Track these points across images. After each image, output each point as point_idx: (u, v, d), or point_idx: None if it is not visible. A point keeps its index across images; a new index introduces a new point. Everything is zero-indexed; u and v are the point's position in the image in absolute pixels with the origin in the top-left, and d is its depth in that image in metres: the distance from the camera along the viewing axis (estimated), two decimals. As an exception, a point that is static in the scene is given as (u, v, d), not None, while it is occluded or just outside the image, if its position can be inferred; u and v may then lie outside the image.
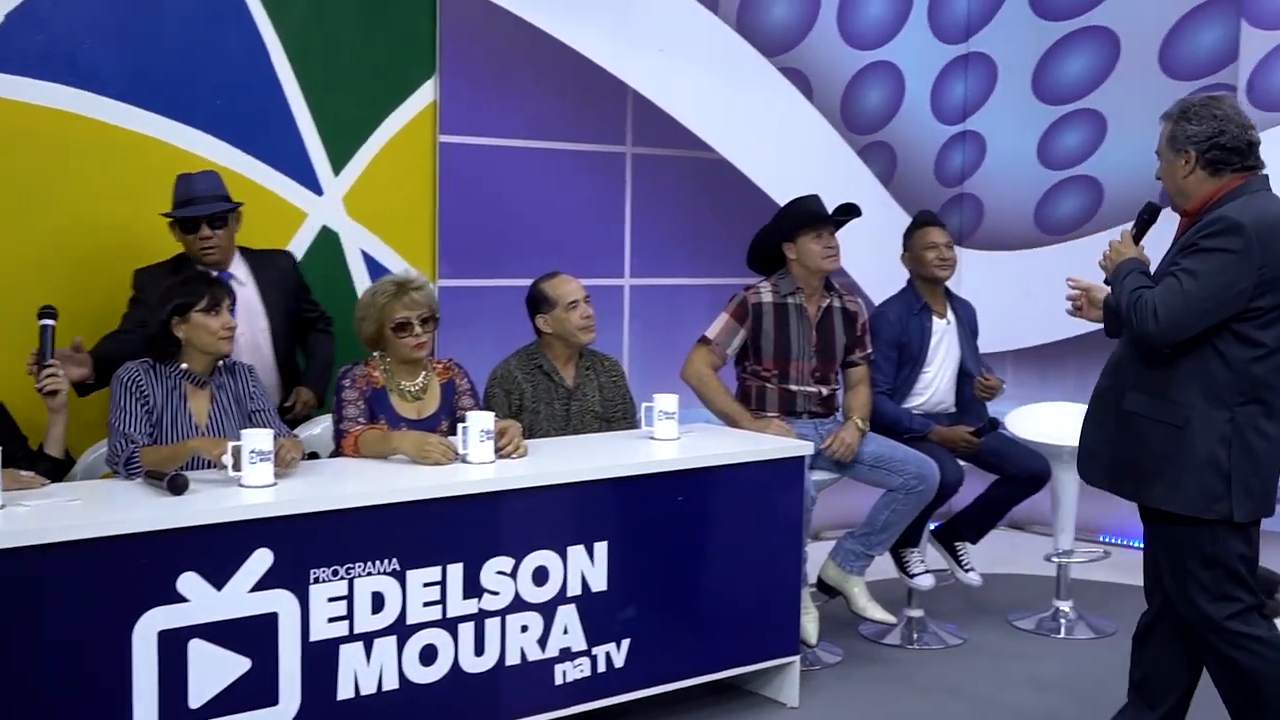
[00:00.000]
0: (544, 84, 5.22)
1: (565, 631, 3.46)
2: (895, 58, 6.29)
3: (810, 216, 4.36)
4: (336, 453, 3.66)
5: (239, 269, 4.05)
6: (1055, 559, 4.91)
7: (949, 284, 4.85)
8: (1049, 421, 5.06)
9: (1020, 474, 4.64)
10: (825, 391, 4.47)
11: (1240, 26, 5.32)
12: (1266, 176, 3.07)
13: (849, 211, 4.43)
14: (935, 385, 4.73)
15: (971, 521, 4.77)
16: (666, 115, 5.56)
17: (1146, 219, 3.29)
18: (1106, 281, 3.26)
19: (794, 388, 4.40)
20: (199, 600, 2.87)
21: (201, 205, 3.89)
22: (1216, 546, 3.03)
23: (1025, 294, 6.42)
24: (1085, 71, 6.26)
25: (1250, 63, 5.26)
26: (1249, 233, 2.91)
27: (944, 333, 4.73)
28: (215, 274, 3.75)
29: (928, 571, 4.59)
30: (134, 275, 3.95)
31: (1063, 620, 4.85)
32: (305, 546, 3.02)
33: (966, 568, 4.73)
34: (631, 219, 5.51)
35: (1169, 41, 5.96)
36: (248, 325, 3.96)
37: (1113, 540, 6.09)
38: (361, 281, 4.71)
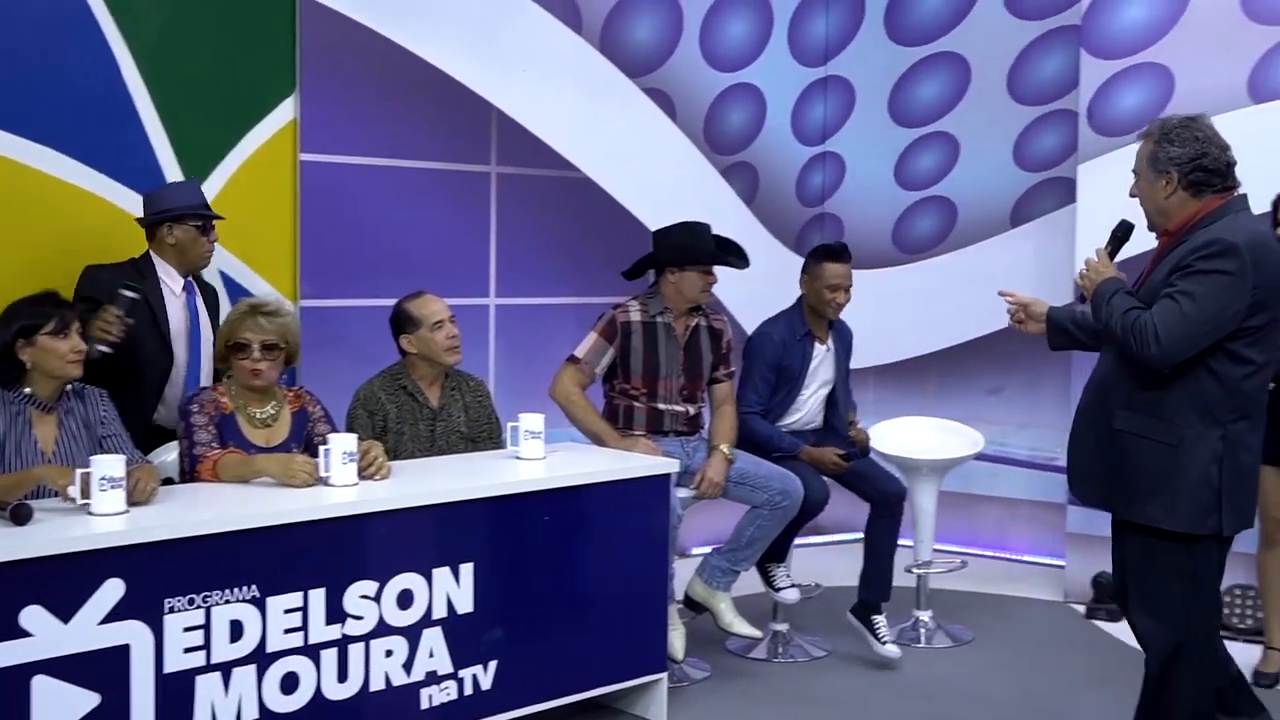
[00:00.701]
0: (407, 102, 5.17)
1: (431, 655, 3.42)
2: (756, 80, 6.40)
3: (705, 256, 4.40)
4: (190, 479, 3.55)
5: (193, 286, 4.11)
6: (915, 570, 5.03)
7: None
8: (909, 436, 5.19)
9: (879, 497, 4.70)
10: (692, 410, 4.50)
11: (1080, 55, 5.53)
12: (1245, 196, 3.13)
13: (740, 256, 4.50)
14: (807, 406, 4.81)
15: (877, 584, 4.73)
16: (531, 134, 5.56)
17: (1120, 237, 3.32)
18: (1079, 297, 3.31)
19: (662, 406, 4.43)
20: (43, 634, 2.75)
21: (206, 211, 4.06)
22: (1198, 561, 3.08)
23: (886, 311, 6.56)
24: (938, 96, 6.45)
25: (1090, 90, 5.48)
26: (1243, 254, 2.93)
27: (823, 358, 4.80)
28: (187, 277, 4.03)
29: (793, 585, 4.65)
30: (86, 270, 3.92)
31: (922, 629, 4.96)
32: (159, 575, 2.92)
33: (884, 640, 4.63)
34: (497, 238, 5.49)
35: (1016, 68, 6.18)
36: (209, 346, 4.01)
37: (969, 550, 6.27)
38: (221, 303, 4.59)
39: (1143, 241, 3.31)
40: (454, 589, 3.46)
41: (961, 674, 4.57)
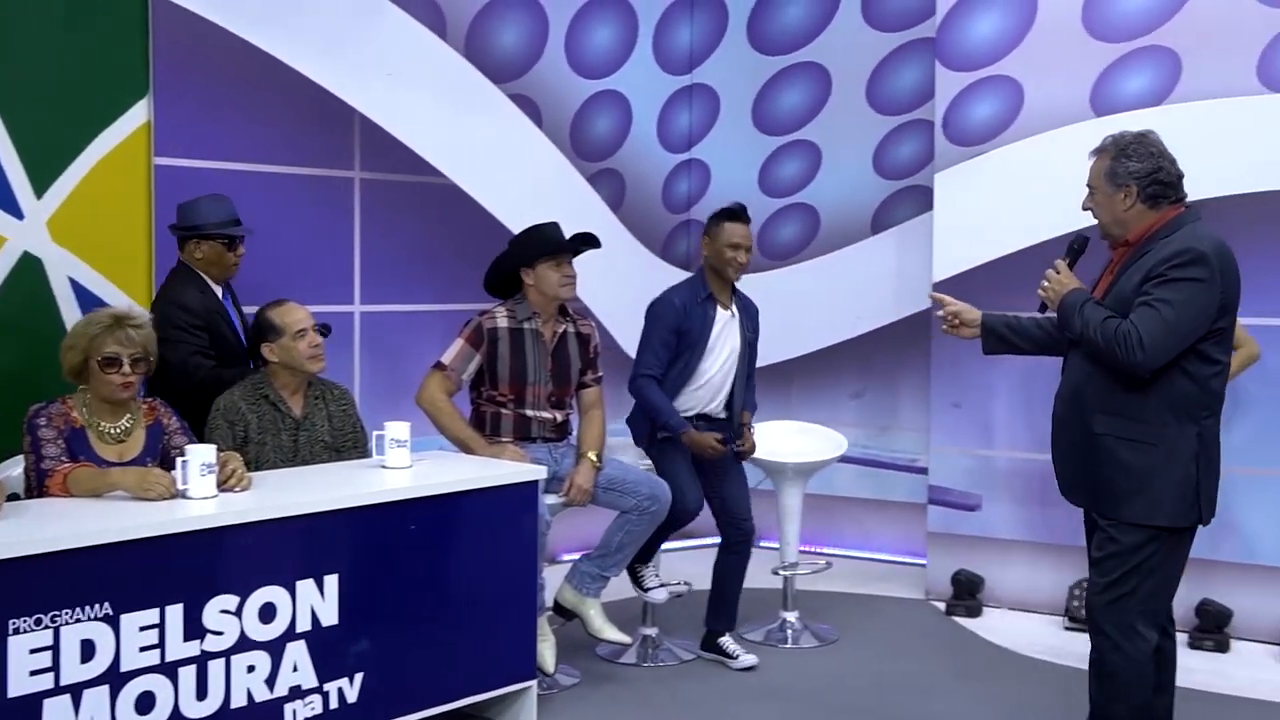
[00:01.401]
0: (268, 106, 5.06)
1: (295, 669, 3.34)
2: (622, 87, 6.44)
3: (550, 245, 4.39)
4: (39, 494, 3.41)
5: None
6: (781, 572, 5.10)
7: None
8: (774, 440, 5.26)
9: (733, 533, 4.76)
10: (560, 416, 4.50)
11: (935, 67, 5.69)
12: (1197, 208, 3.28)
13: (588, 242, 4.48)
14: (711, 379, 4.66)
15: (724, 616, 4.79)
16: (395, 140, 5.49)
17: (1078, 249, 3.44)
18: (1040, 307, 3.41)
19: (530, 413, 4.41)
20: (-122, 660, 2.62)
21: (234, 227, 4.29)
22: (1173, 552, 3.24)
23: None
24: (800, 104, 6.57)
25: (945, 100, 5.64)
26: (1213, 262, 3.09)
27: (726, 324, 4.67)
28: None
29: (661, 586, 4.68)
30: (164, 306, 4.15)
31: (789, 630, 5.04)
32: (2, 595, 2.80)
33: (737, 655, 4.69)
34: (361, 244, 5.41)
35: (874, 79, 6.33)
36: None
37: (833, 551, 6.39)
38: (69, 310, 4.43)
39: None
40: (318, 601, 3.40)
41: (828, 672, 4.66)
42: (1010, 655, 4.92)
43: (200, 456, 3.31)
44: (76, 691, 2.93)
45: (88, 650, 2.94)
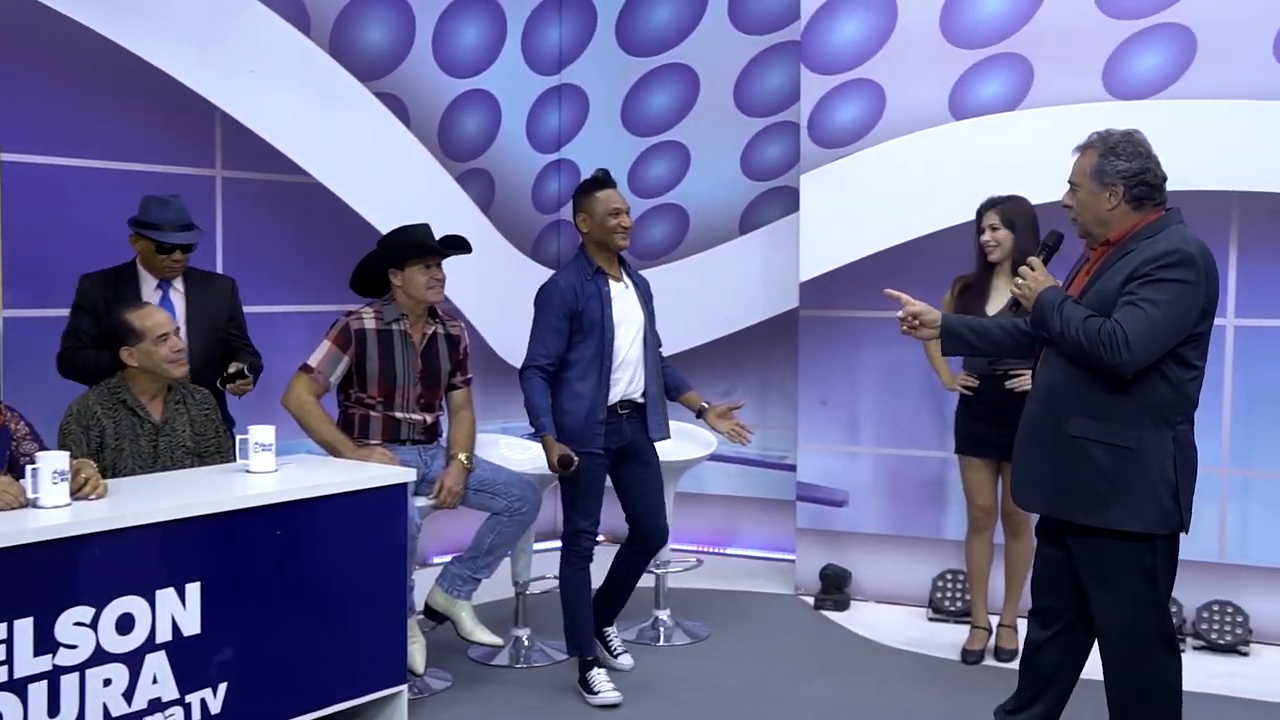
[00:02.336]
0: (123, 102, 4.91)
1: (154, 681, 3.25)
2: (491, 86, 6.41)
3: (418, 248, 4.34)
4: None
5: (177, 284, 4.34)
6: (653, 570, 5.13)
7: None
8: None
9: (643, 537, 4.57)
10: (430, 419, 4.46)
11: (800, 70, 5.79)
12: (1178, 210, 3.23)
13: (458, 245, 4.44)
14: (626, 358, 4.34)
15: (611, 610, 4.71)
16: (259, 138, 5.38)
17: (1053, 247, 3.38)
18: (1012, 305, 3.38)
19: (399, 415, 4.36)
20: None
21: (172, 233, 4.22)
22: (1157, 558, 3.16)
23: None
24: (669, 105, 6.62)
25: (810, 103, 5.74)
26: (1199, 264, 3.05)
27: (622, 296, 4.38)
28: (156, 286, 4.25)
29: (626, 651, 4.70)
30: (80, 280, 4.26)
31: (661, 628, 5.07)
32: None
33: (617, 653, 4.67)
34: (223, 245, 5.28)
35: (741, 81, 6.41)
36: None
37: (704, 549, 6.46)
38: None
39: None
40: (179, 610, 3.31)
41: (699, 669, 4.70)
42: (877, 647, 5.03)
43: (52, 464, 3.20)
44: (-81, 711, 2.81)
45: (-69, 668, 2.82)
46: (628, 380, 4.38)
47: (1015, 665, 4.68)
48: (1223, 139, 4.97)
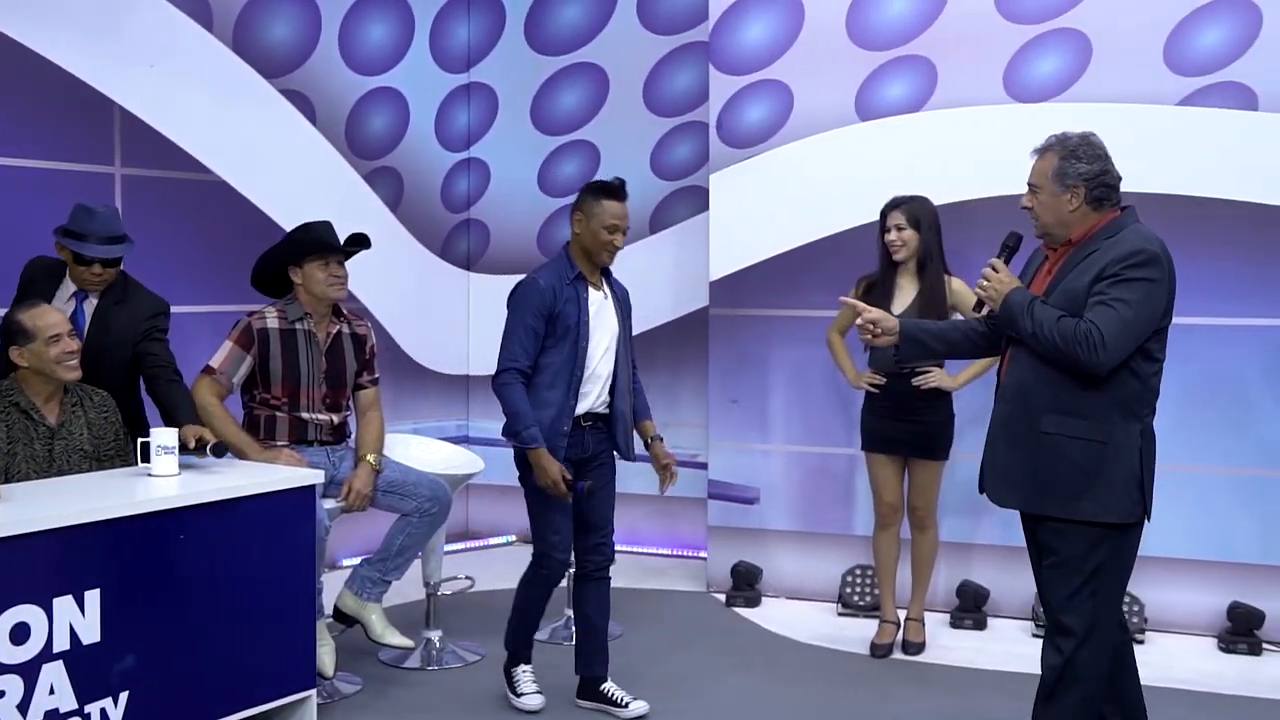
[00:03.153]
0: (15, 96, 4.76)
1: (51, 692, 3.16)
2: (399, 84, 6.34)
3: (319, 245, 4.28)
4: None
5: (94, 297, 4.17)
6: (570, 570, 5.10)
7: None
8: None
9: (589, 562, 4.23)
10: (337, 419, 4.40)
11: (709, 71, 5.82)
12: (1134, 208, 3.29)
13: (359, 242, 4.39)
14: (595, 369, 4.10)
15: (599, 658, 4.32)
16: (160, 135, 5.26)
17: (1013, 248, 3.39)
18: (978, 306, 3.38)
19: (305, 415, 4.30)
20: None
21: (94, 245, 4.06)
22: (1121, 549, 3.22)
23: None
24: (578, 104, 6.61)
25: (719, 103, 5.77)
26: (1164, 262, 3.12)
27: (600, 306, 4.13)
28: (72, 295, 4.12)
29: (537, 692, 4.28)
30: (28, 263, 4.24)
31: (574, 627, 5.02)
32: None
33: (625, 703, 4.21)
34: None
35: (651, 80, 6.42)
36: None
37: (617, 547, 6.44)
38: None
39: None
40: (78, 618, 3.22)
41: (612, 667, 4.68)
42: (787, 642, 5.07)
43: (-58, 469, 3.09)
44: None
45: None
46: (596, 393, 4.12)
47: (922, 658, 4.82)
48: (1117, 141, 5.05)
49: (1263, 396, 4.98)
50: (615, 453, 4.24)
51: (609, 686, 4.26)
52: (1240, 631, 4.95)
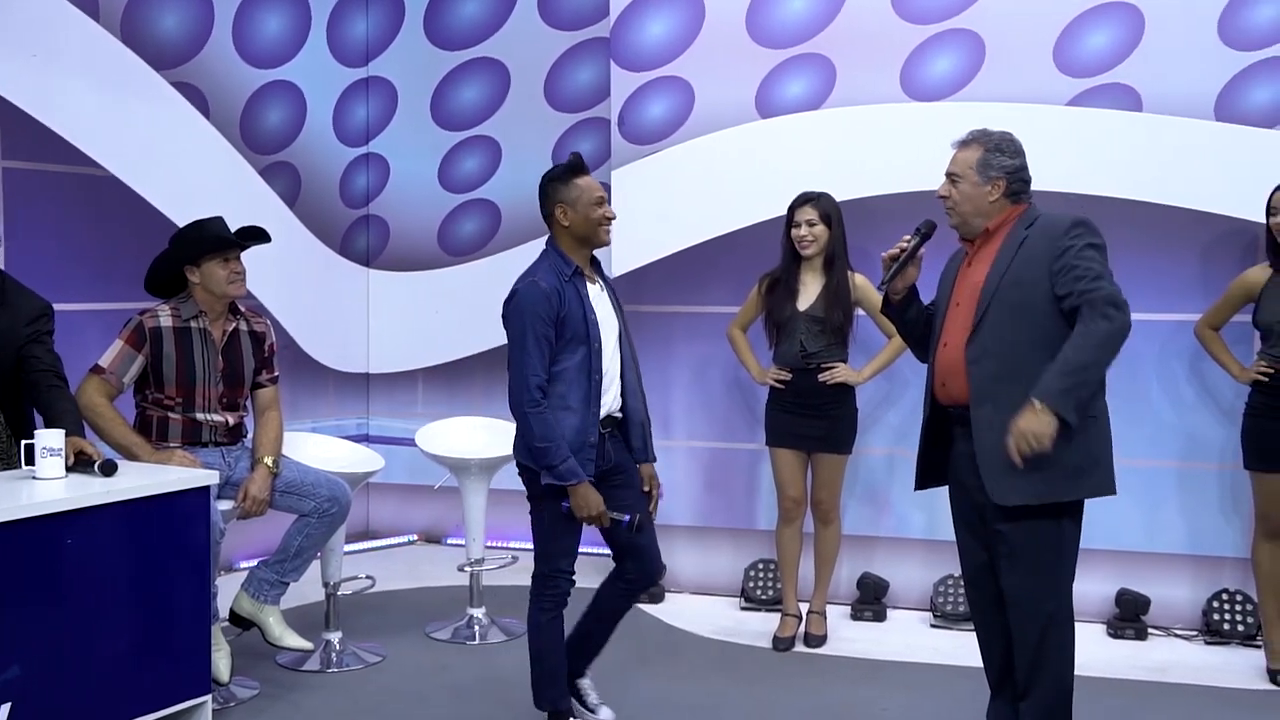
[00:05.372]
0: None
1: (-68, 704, 3.07)
2: (295, 78, 6.24)
3: (215, 241, 4.20)
4: None
5: None
6: (468, 568, 5.09)
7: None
8: (458, 436, 5.25)
9: (641, 577, 3.96)
10: (233, 420, 4.32)
11: (610, 67, 5.82)
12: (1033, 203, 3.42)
13: (256, 236, 4.31)
14: (608, 369, 3.75)
15: (590, 652, 4.08)
16: (44, 127, 5.10)
17: (926, 233, 3.46)
18: (886, 306, 3.49)
19: (200, 416, 4.22)
20: None
21: None
22: (1078, 529, 3.33)
23: (434, 313, 6.63)
24: (479, 100, 6.57)
25: (620, 99, 5.78)
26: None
27: (599, 300, 3.80)
28: None
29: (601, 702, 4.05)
30: None
31: (477, 626, 5.04)
32: None
33: (594, 706, 4.03)
34: (6, 240, 4.99)
35: (552, 76, 6.41)
36: None
37: (521, 545, 6.43)
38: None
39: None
40: (-41, 628, 3.13)
41: (515, 667, 4.67)
42: (691, 637, 5.11)
43: None
44: None
45: None
46: (611, 395, 3.77)
47: (824, 650, 4.88)
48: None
49: (1149, 389, 5.13)
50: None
51: (585, 683, 4.05)
52: (1127, 617, 5.10)
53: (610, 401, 3.76)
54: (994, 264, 3.33)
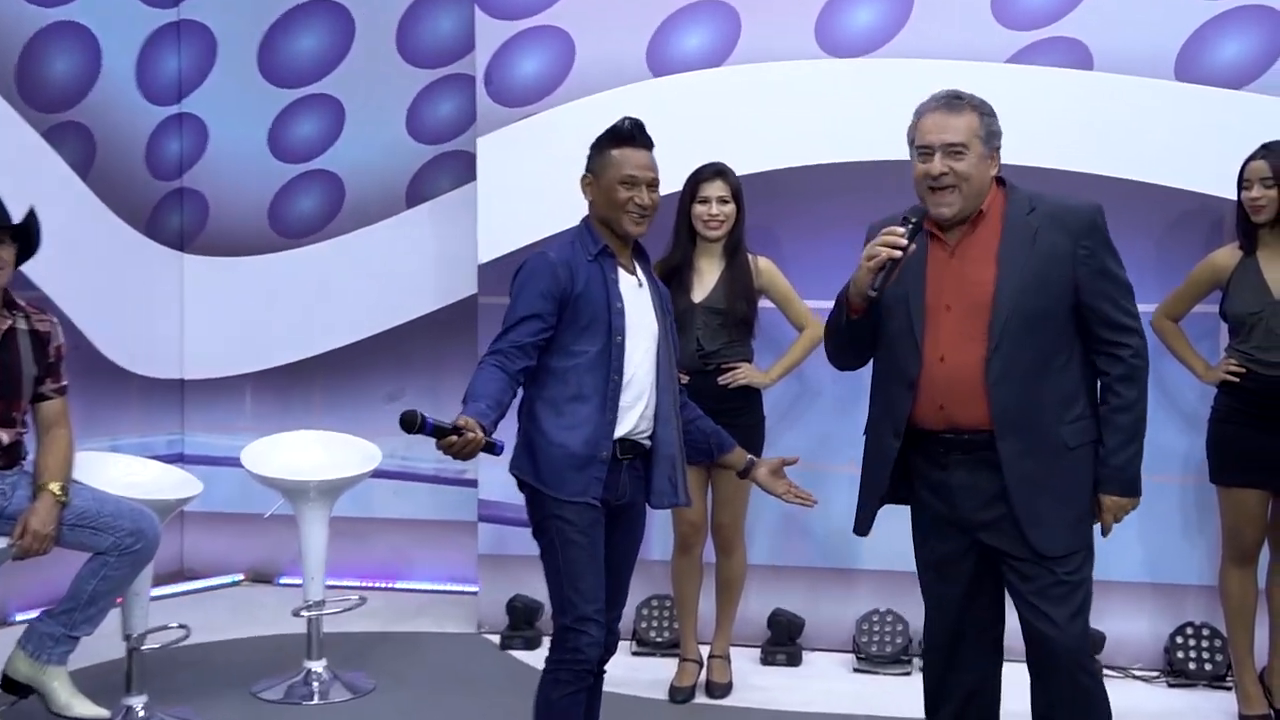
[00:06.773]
0: None
1: None
2: (86, 19, 6.05)
3: None
4: None
5: None
6: (304, 613, 4.93)
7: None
8: (292, 453, 5.13)
9: None
10: (9, 437, 4.15)
11: (475, 14, 5.71)
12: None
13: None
14: (635, 376, 3.55)
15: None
16: None
17: (916, 223, 3.15)
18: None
19: (-34, 433, 4.04)
20: None
21: None
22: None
23: (264, 308, 6.47)
24: (318, 52, 6.46)
25: (487, 53, 5.67)
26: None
27: (634, 294, 3.61)
28: None
29: None
30: None
31: (315, 683, 4.89)
32: None
33: None
34: None
35: (405, 24, 6.31)
36: None
37: (368, 584, 6.31)
38: None
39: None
40: None
41: (362, 730, 4.57)
42: (573, 690, 5.00)
43: None
44: None
45: None
46: (638, 413, 3.55)
47: (729, 701, 4.82)
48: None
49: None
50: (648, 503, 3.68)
51: None
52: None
53: (636, 421, 3.54)
54: (1002, 261, 3.18)
